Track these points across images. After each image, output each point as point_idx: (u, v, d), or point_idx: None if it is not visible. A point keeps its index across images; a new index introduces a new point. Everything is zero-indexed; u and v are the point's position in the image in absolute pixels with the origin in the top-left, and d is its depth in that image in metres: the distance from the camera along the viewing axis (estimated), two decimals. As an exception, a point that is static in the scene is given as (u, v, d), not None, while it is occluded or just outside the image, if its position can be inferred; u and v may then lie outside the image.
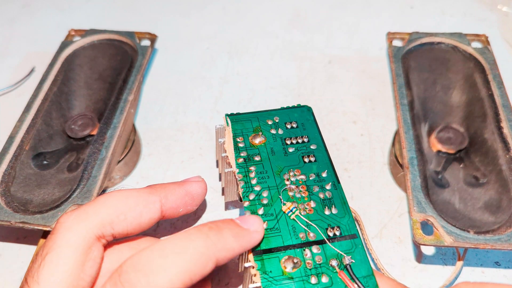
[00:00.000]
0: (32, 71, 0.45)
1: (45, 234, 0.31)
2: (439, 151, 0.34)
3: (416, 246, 0.32)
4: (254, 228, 0.23)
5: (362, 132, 0.39)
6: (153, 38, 0.40)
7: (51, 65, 0.38)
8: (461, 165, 0.33)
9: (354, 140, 0.38)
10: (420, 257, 0.31)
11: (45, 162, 0.34)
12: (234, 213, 0.34)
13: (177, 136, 0.39)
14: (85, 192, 0.30)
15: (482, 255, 0.31)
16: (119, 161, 0.35)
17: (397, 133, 0.37)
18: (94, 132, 0.35)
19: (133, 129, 0.38)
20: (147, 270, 0.20)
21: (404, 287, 0.24)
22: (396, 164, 0.35)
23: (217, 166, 0.36)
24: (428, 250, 0.32)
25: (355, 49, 0.46)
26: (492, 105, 0.34)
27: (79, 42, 0.40)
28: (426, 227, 0.28)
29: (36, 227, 0.28)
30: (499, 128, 0.33)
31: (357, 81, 0.43)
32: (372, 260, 0.30)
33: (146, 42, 0.40)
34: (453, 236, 0.27)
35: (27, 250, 0.33)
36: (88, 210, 0.22)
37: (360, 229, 0.30)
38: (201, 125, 0.40)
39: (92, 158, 0.32)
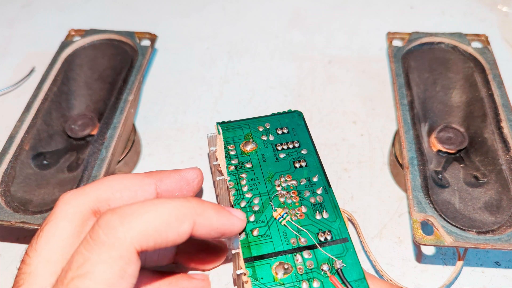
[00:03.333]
0: (32, 71, 0.45)
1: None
2: (439, 151, 0.34)
3: (416, 246, 0.32)
4: (236, 213, 0.24)
5: (362, 132, 0.39)
6: (153, 38, 0.40)
7: (51, 65, 0.38)
8: (461, 165, 0.33)
9: (354, 140, 0.38)
10: (420, 257, 0.31)
11: (45, 162, 0.34)
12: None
13: (177, 136, 0.39)
14: (85, 192, 0.30)
15: (482, 255, 0.31)
16: (119, 161, 0.35)
17: (397, 133, 0.37)
18: (94, 132, 0.35)
19: (133, 129, 0.38)
20: (123, 213, 0.20)
21: (397, 287, 0.24)
22: (396, 164, 0.35)
23: (211, 173, 0.36)
24: (428, 250, 0.32)
25: (355, 49, 0.46)
26: (492, 105, 0.34)
27: (79, 42, 0.40)
28: (426, 227, 0.28)
29: (36, 227, 0.28)
30: (499, 128, 0.33)
31: (357, 81, 0.43)
32: (370, 262, 0.30)
33: (146, 42, 0.40)
34: (453, 236, 0.27)
35: (27, 250, 0.33)
36: (86, 188, 0.24)
37: (357, 231, 0.30)
38: (201, 125, 0.40)
39: (92, 158, 0.32)
